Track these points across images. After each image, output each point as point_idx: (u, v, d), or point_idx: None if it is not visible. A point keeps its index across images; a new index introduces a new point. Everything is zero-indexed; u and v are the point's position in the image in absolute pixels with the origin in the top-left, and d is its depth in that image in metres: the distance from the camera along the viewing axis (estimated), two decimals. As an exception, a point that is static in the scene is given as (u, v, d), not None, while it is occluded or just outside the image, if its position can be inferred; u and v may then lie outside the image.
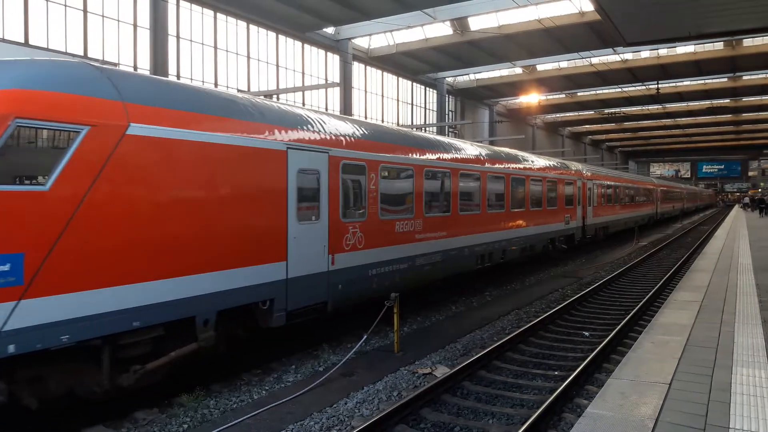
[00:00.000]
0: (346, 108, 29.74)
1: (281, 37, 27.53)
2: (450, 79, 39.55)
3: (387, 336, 10.03)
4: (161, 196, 6.28)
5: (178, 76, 22.63)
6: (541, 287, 15.50)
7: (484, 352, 8.47)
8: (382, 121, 34.31)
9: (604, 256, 23.18)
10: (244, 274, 7.31)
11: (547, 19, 25.98)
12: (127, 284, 5.93)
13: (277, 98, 21.93)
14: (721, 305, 8.62)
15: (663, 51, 34.81)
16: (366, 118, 32.70)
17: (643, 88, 40.35)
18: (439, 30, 29.76)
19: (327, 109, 29.19)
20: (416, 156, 11.34)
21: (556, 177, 19.23)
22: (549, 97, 47.05)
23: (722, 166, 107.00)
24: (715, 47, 33.55)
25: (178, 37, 22.77)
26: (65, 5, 18.90)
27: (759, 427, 4.20)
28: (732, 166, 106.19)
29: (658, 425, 4.21)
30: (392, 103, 36.27)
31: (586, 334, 10.32)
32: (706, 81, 42.93)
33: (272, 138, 7.80)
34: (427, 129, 32.90)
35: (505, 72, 39.29)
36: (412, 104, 38.16)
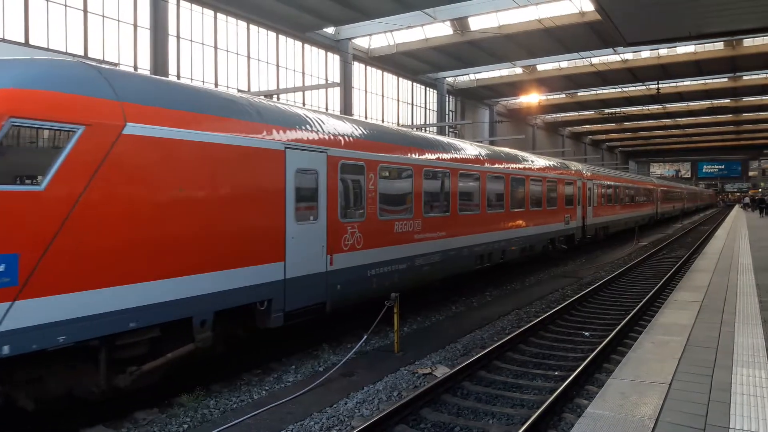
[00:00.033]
0: (347, 108, 29.74)
1: (281, 37, 27.54)
2: (450, 79, 39.56)
3: (387, 336, 10.03)
4: (158, 196, 6.25)
5: (178, 76, 22.64)
6: (541, 287, 15.49)
7: (484, 352, 8.47)
8: (382, 121, 34.31)
9: (605, 256, 23.17)
10: (241, 274, 7.27)
11: (548, 19, 25.98)
12: (123, 285, 5.89)
13: (278, 98, 21.93)
14: (721, 305, 8.61)
15: (663, 51, 34.82)
16: (366, 118, 32.70)
17: (644, 88, 40.35)
18: (439, 30, 29.77)
19: (327, 109, 29.19)
20: (415, 156, 11.32)
21: (555, 177, 19.22)
22: (549, 97, 47.06)
23: (722, 166, 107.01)
24: (716, 47, 33.56)
25: (178, 37, 22.77)
26: (65, 5, 18.90)
27: (759, 427, 4.20)
28: (732, 166, 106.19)
29: (658, 425, 4.21)
30: (392, 103, 36.27)
31: (587, 334, 10.32)
32: (707, 81, 42.94)
33: (270, 138, 7.77)
34: (428, 129, 32.90)
35: (505, 72, 39.30)
36: (413, 104, 38.17)
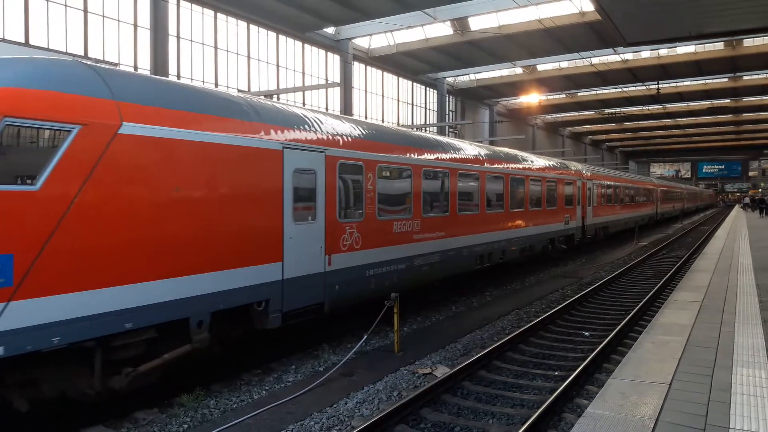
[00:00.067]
0: (347, 108, 29.74)
1: (281, 37, 27.54)
2: (450, 79, 39.56)
3: (387, 336, 10.03)
4: (154, 196, 6.20)
5: (178, 76, 22.64)
6: (541, 287, 15.49)
7: (485, 352, 8.47)
8: (382, 121, 34.31)
9: (604, 256, 23.18)
10: (238, 274, 7.22)
11: (548, 19, 25.98)
12: (119, 285, 5.84)
13: (278, 98, 21.93)
14: (721, 305, 8.61)
15: (663, 51, 34.82)
16: (366, 118, 32.70)
17: (644, 88, 40.34)
18: (440, 30, 29.77)
19: (328, 109, 29.19)
20: (414, 156, 11.30)
21: (555, 177, 19.22)
22: (549, 97, 47.06)
23: (722, 166, 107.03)
24: (716, 47, 33.56)
25: (178, 37, 22.77)
26: (65, 5, 18.91)
27: (759, 427, 4.20)
28: (732, 167, 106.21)
29: (659, 425, 4.21)
30: (392, 103, 36.27)
31: (587, 334, 10.32)
32: (707, 81, 42.94)
33: (268, 137, 7.73)
34: (428, 129, 32.90)
35: (505, 72, 39.30)
36: (413, 104, 38.16)
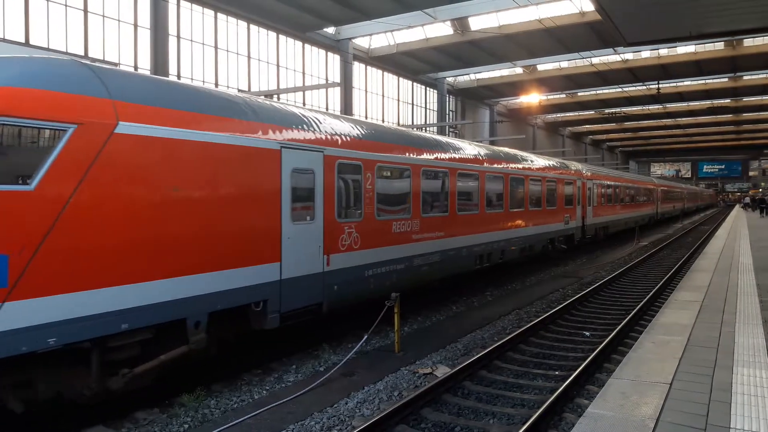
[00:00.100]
0: (347, 108, 29.74)
1: (282, 37, 27.54)
2: (450, 79, 39.56)
3: (387, 336, 10.03)
4: (151, 196, 6.16)
5: (178, 76, 22.64)
6: (541, 287, 15.49)
7: (485, 352, 8.47)
8: (382, 121, 34.32)
9: (605, 256, 23.17)
10: (236, 275, 7.17)
11: (548, 19, 25.98)
12: (115, 286, 5.80)
13: (278, 98, 21.94)
14: (721, 305, 8.61)
15: (663, 51, 34.82)
16: (366, 118, 32.71)
17: (644, 88, 40.34)
18: (440, 30, 29.77)
19: (328, 109, 29.19)
20: (413, 156, 11.27)
21: (555, 177, 19.22)
22: (549, 97, 47.06)
23: (723, 166, 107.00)
24: (716, 47, 33.56)
25: (178, 37, 22.78)
26: (66, 5, 18.91)
27: (760, 427, 4.20)
28: (733, 166, 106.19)
29: (659, 425, 4.21)
30: (393, 103, 36.27)
31: (587, 333, 10.32)
32: (707, 81, 42.95)
33: (266, 137, 7.70)
34: (428, 129, 32.90)
35: (505, 72, 39.31)
36: (413, 104, 38.17)
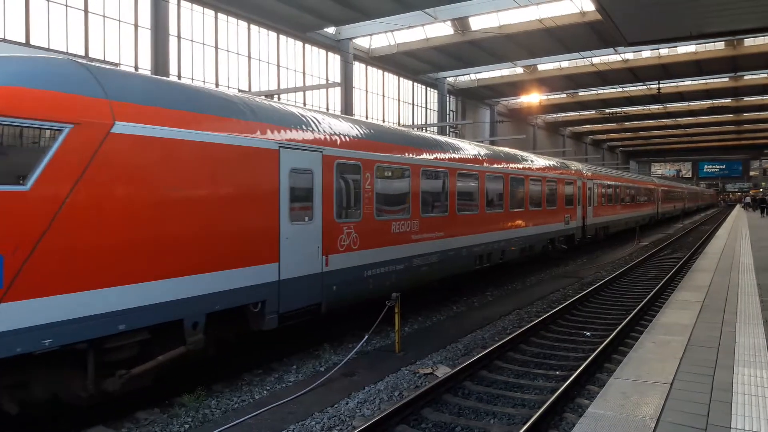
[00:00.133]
0: (347, 108, 29.74)
1: (282, 37, 27.55)
2: (451, 79, 39.55)
3: (388, 336, 10.03)
4: (148, 196, 6.13)
5: (179, 76, 22.66)
6: (542, 287, 15.49)
7: (486, 352, 8.47)
8: (383, 121, 34.32)
9: (605, 256, 23.17)
10: (234, 275, 7.13)
11: (548, 19, 25.98)
12: (112, 286, 5.76)
13: (278, 98, 21.95)
14: (722, 305, 8.61)
15: (664, 51, 34.81)
16: (367, 118, 32.71)
17: (644, 87, 40.33)
18: (440, 30, 29.78)
19: (328, 109, 29.19)
20: (413, 155, 11.24)
21: (555, 177, 19.20)
22: (550, 96, 47.06)
23: (723, 166, 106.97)
24: (717, 47, 33.55)
25: (179, 37, 22.79)
26: (66, 5, 18.92)
27: (761, 427, 4.19)
28: (733, 166, 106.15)
29: (660, 425, 4.20)
30: (393, 103, 36.27)
31: (588, 333, 10.32)
32: (707, 81, 42.93)
33: (264, 137, 7.66)
34: (428, 129, 32.90)
35: (506, 72, 39.30)
36: (413, 104, 38.17)
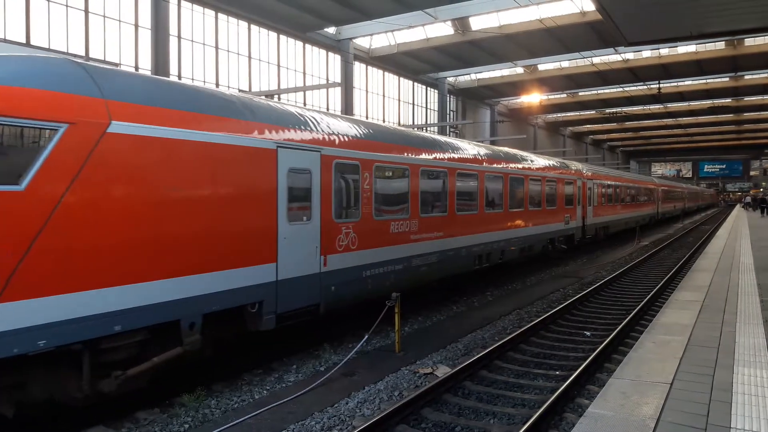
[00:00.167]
0: (348, 108, 29.75)
1: (282, 37, 27.55)
2: (451, 79, 39.55)
3: (388, 336, 10.03)
4: (145, 196, 6.09)
5: (179, 77, 22.66)
6: (542, 287, 15.49)
7: (486, 352, 8.46)
8: (383, 121, 34.32)
9: (605, 256, 23.16)
10: (231, 276, 7.08)
11: (548, 19, 25.98)
12: (108, 287, 5.72)
13: (278, 98, 21.96)
14: (722, 305, 8.61)
15: (664, 51, 34.80)
16: (367, 118, 32.72)
17: (645, 87, 40.32)
18: (440, 30, 29.77)
19: (329, 109, 29.20)
20: (412, 155, 11.19)
21: (555, 176, 19.19)
22: (550, 96, 47.04)
23: (724, 166, 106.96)
24: (717, 47, 33.55)
25: (179, 37, 22.80)
26: (67, 5, 18.93)
27: (761, 427, 4.19)
28: (733, 166, 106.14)
29: (660, 425, 4.21)
30: (393, 103, 36.27)
31: (588, 333, 10.32)
32: (708, 81, 42.93)
33: (262, 137, 7.63)
34: (429, 129, 32.90)
35: (506, 72, 39.30)
36: (414, 104, 38.17)
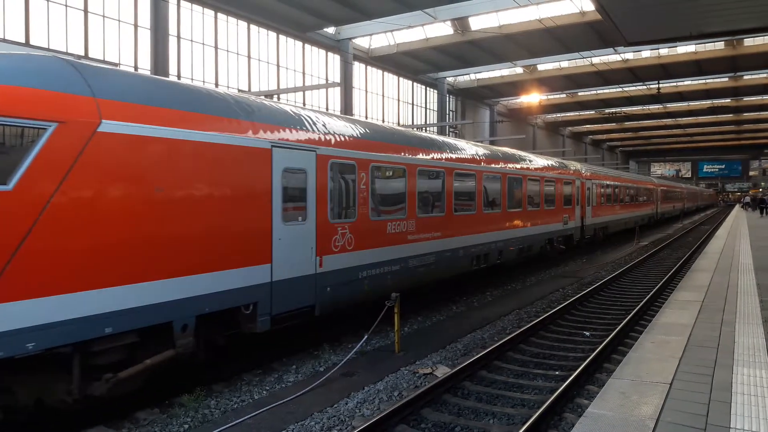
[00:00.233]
0: (347, 108, 29.74)
1: (282, 37, 27.55)
2: (451, 79, 39.54)
3: (388, 336, 10.03)
4: (136, 196, 6.02)
5: (178, 77, 22.65)
6: (541, 287, 15.49)
7: (485, 352, 8.47)
8: (382, 121, 34.32)
9: (605, 256, 23.17)
10: (224, 277, 7.01)
11: (548, 19, 25.98)
12: (97, 288, 5.65)
13: (278, 98, 21.95)
14: (722, 305, 8.61)
15: (664, 51, 34.81)
16: (367, 118, 32.71)
17: (644, 87, 40.33)
18: (440, 30, 29.77)
19: (328, 109, 29.19)
20: (409, 155, 11.14)
21: (554, 176, 19.18)
22: (550, 96, 47.04)
23: (723, 166, 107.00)
24: (716, 47, 33.55)
25: (178, 37, 22.79)
26: (66, 5, 18.92)
27: (760, 427, 4.20)
28: (733, 166, 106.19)
29: (659, 425, 4.21)
30: (393, 103, 36.27)
31: (587, 333, 10.32)
32: (707, 81, 42.94)
33: (256, 136, 7.56)
34: (428, 129, 32.88)
35: (505, 72, 39.30)
36: (413, 104, 38.16)
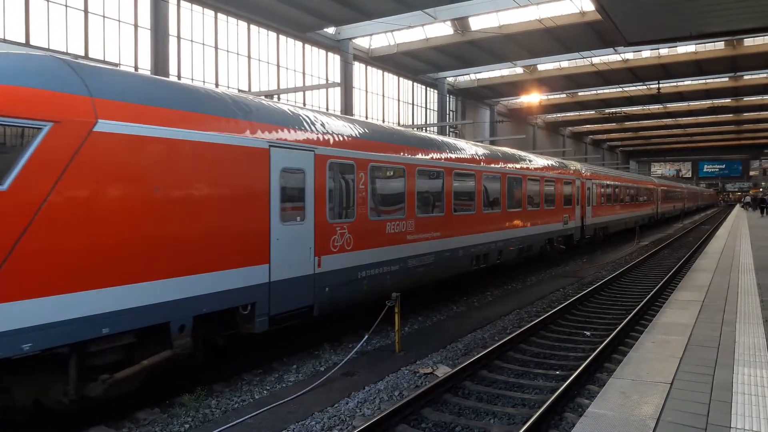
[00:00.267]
0: (347, 108, 29.74)
1: (282, 38, 27.55)
2: (451, 79, 39.54)
3: (388, 336, 10.04)
4: (133, 196, 6.00)
5: (178, 77, 22.66)
6: (542, 287, 15.49)
7: (486, 352, 8.47)
8: (383, 121, 34.32)
9: (605, 255, 23.18)
10: (222, 277, 7.00)
11: (548, 19, 25.98)
12: (94, 289, 5.63)
13: (278, 98, 21.96)
14: (722, 305, 8.61)
15: (664, 51, 34.81)
16: (367, 118, 32.71)
17: (644, 87, 40.33)
18: (440, 30, 29.78)
19: (328, 109, 29.19)
20: (408, 155, 11.11)
21: (554, 176, 19.17)
22: (550, 96, 47.05)
23: (723, 166, 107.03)
24: (716, 47, 33.56)
25: (178, 37, 22.79)
26: (66, 5, 18.93)
27: (761, 427, 4.20)
28: (733, 166, 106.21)
29: (660, 425, 4.21)
30: (393, 103, 36.27)
31: (588, 333, 10.32)
32: (707, 81, 42.94)
33: (254, 136, 7.53)
34: (428, 129, 32.89)
35: (505, 72, 39.30)
36: (413, 104, 38.17)
